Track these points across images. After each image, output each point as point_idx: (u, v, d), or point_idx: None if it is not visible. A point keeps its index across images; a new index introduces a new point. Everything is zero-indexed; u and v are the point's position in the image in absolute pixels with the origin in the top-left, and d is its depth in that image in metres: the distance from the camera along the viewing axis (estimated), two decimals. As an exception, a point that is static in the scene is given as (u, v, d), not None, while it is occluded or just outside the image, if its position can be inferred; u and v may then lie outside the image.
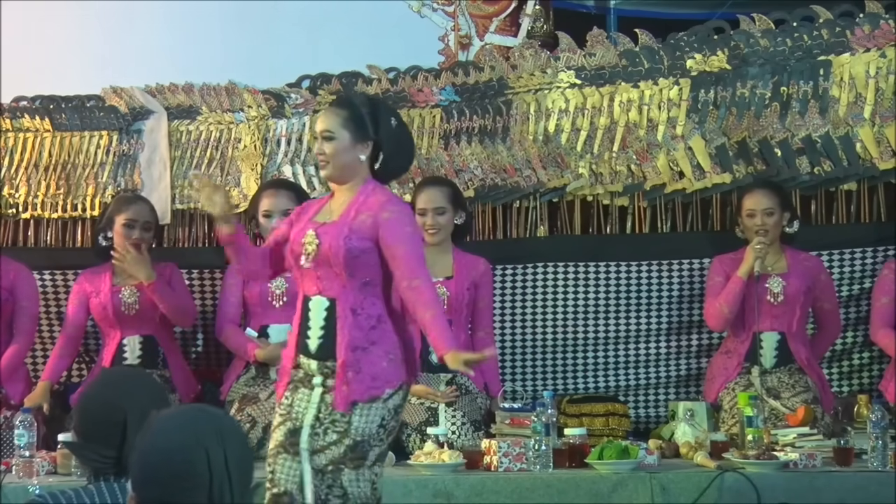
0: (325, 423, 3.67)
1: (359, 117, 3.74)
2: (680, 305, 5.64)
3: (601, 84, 5.88)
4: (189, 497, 2.16)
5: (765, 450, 4.52)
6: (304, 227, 3.76)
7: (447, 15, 6.20)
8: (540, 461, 4.47)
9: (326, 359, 3.70)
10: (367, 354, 3.66)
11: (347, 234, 3.67)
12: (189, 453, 2.16)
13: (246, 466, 2.22)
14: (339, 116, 3.75)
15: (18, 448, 4.39)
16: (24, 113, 5.93)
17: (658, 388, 5.67)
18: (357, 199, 3.74)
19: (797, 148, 5.75)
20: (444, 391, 5.12)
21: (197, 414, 2.24)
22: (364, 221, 3.69)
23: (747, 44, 5.84)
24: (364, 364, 3.66)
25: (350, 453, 3.64)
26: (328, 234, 3.69)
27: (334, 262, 3.66)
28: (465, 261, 5.29)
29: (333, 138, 3.74)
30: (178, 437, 2.18)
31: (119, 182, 5.86)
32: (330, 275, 3.69)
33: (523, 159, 5.84)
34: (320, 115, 3.88)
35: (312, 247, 3.70)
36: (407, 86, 5.94)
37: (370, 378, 3.66)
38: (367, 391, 3.65)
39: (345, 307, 3.68)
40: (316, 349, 3.72)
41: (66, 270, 5.56)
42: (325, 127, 3.76)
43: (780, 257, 5.29)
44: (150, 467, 2.18)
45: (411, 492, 4.32)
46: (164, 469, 2.17)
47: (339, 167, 3.75)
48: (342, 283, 3.68)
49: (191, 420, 2.22)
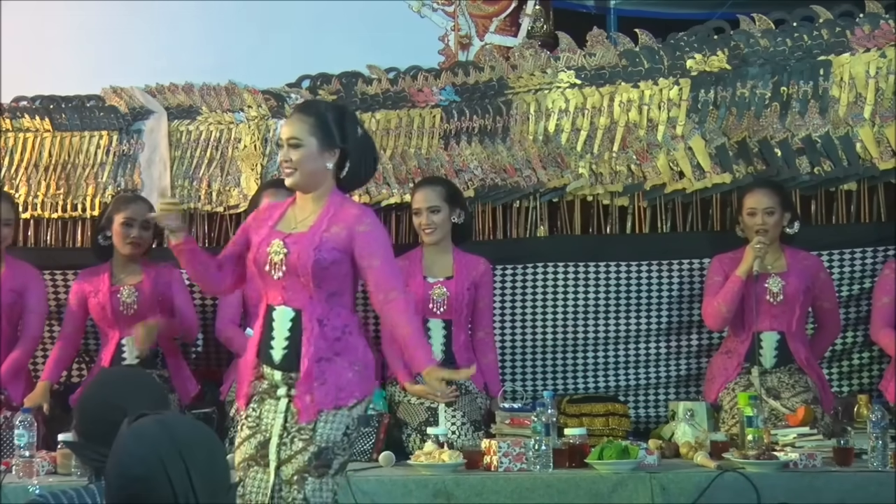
0: (291, 432, 3.65)
1: (326, 124, 3.70)
2: (680, 305, 5.64)
3: (601, 84, 5.88)
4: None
5: (765, 450, 4.52)
6: (269, 236, 3.71)
7: (447, 15, 6.20)
8: (540, 461, 4.47)
9: (291, 370, 3.68)
10: (331, 365, 3.65)
11: (318, 244, 3.64)
12: (147, 469, 2.15)
13: (215, 476, 2.19)
14: (306, 123, 3.70)
15: (18, 448, 4.39)
16: (25, 113, 5.94)
17: (658, 388, 5.67)
18: (328, 210, 3.70)
19: (797, 148, 5.75)
20: (443, 391, 5.11)
21: (156, 429, 2.21)
22: (338, 234, 3.66)
23: (747, 44, 5.84)
24: (329, 375, 3.64)
25: (315, 461, 3.62)
26: (297, 244, 3.66)
27: (302, 272, 3.64)
28: (465, 261, 5.29)
29: (301, 145, 3.69)
30: (136, 453, 2.17)
31: (119, 182, 5.87)
32: (296, 285, 3.66)
33: (523, 159, 5.84)
34: (286, 121, 3.82)
35: (279, 256, 3.66)
36: (407, 86, 5.94)
37: (335, 388, 3.64)
38: (333, 401, 3.64)
39: (311, 318, 3.65)
40: (280, 360, 3.69)
41: (65, 270, 5.56)
42: (292, 134, 3.70)
43: (779, 257, 5.28)
44: (113, 483, 2.20)
45: (411, 492, 4.32)
46: (125, 486, 2.18)
47: (305, 175, 3.70)
48: (309, 294, 3.66)
49: (149, 437, 2.19)
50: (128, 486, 2.18)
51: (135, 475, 2.16)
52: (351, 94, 5.93)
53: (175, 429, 2.21)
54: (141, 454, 2.17)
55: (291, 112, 3.89)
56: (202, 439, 2.23)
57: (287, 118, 3.88)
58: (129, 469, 2.18)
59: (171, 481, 2.15)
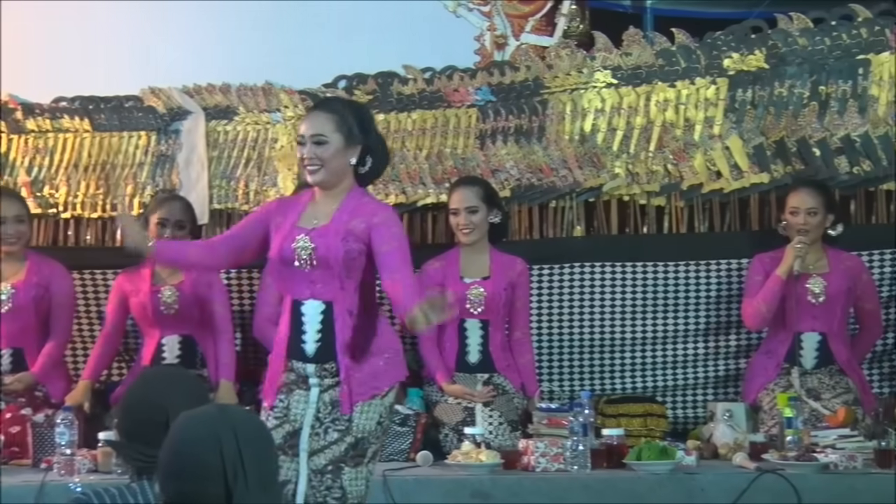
0: (325, 423, 3.67)
1: (348, 121, 3.73)
2: (718, 306, 5.61)
3: (637, 84, 5.86)
4: (204, 487, 2.22)
5: (804, 451, 4.50)
6: (291, 232, 3.73)
7: (483, 15, 6.20)
8: (577, 462, 4.46)
9: (325, 361, 3.70)
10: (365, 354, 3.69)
11: (344, 236, 3.68)
12: (202, 445, 2.24)
13: (264, 462, 2.28)
14: (330, 120, 3.72)
15: (60, 446, 4.43)
16: (64, 113, 5.98)
17: (696, 389, 5.64)
18: (348, 205, 3.73)
19: (836, 147, 5.72)
20: (480, 391, 5.12)
21: (214, 410, 2.34)
22: (357, 226, 3.70)
23: (785, 43, 5.81)
24: (364, 364, 3.68)
25: (351, 451, 3.65)
26: (323, 237, 3.69)
27: (333, 264, 3.67)
28: (502, 261, 5.28)
29: (326, 142, 3.70)
30: (193, 431, 2.27)
31: (157, 182, 5.90)
32: (326, 277, 3.69)
33: (559, 159, 5.83)
34: (308, 117, 3.82)
35: (307, 252, 3.68)
36: (443, 86, 5.95)
37: (370, 377, 3.68)
38: (368, 391, 3.67)
39: (342, 309, 3.69)
40: (314, 353, 3.72)
41: (105, 270, 5.59)
42: (317, 130, 3.71)
43: (821, 257, 5.25)
44: (168, 460, 2.27)
45: (448, 492, 4.33)
46: (179, 461, 2.25)
47: (331, 172, 3.72)
48: (339, 286, 3.69)
49: (207, 415, 2.31)
50: (179, 466, 2.24)
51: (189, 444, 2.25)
52: (387, 94, 5.94)
53: (232, 412, 2.33)
54: (197, 429, 2.26)
55: (310, 109, 3.88)
56: (256, 426, 2.33)
57: (306, 115, 3.83)
58: (185, 440, 2.26)
59: (223, 457, 2.22)
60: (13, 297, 5.18)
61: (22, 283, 5.20)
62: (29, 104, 5.98)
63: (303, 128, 3.76)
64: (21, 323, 5.19)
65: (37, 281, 5.22)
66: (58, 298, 5.26)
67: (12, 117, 5.96)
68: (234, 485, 2.21)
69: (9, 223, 5.20)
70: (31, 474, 4.47)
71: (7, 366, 5.17)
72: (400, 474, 4.40)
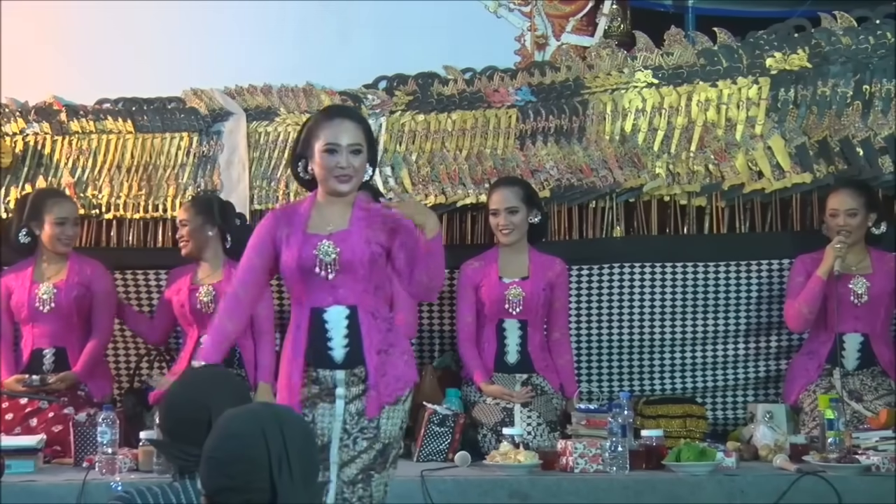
0: (353, 434, 3.65)
1: (369, 131, 3.77)
2: (759, 306, 5.58)
3: (679, 83, 5.84)
4: (249, 481, 2.24)
5: (846, 453, 4.45)
6: (307, 239, 3.68)
7: (523, 15, 6.19)
8: (616, 462, 4.45)
9: (354, 366, 3.67)
10: (389, 357, 3.68)
11: (368, 238, 3.67)
12: (249, 439, 2.26)
13: (308, 459, 2.29)
14: (361, 130, 3.73)
15: (101, 445, 4.47)
16: (108, 115, 6.04)
17: (736, 390, 5.61)
18: (359, 209, 3.71)
19: (879, 147, 5.66)
20: (519, 391, 5.12)
21: (260, 406, 2.37)
22: (377, 230, 3.69)
23: (828, 42, 5.76)
24: (388, 367, 3.67)
25: (379, 458, 3.65)
26: (346, 241, 3.67)
27: (359, 267, 3.66)
28: (541, 261, 5.28)
29: (361, 152, 3.70)
30: (240, 425, 2.29)
31: (199, 183, 5.94)
32: (349, 282, 3.67)
33: (599, 159, 5.81)
34: (338, 124, 3.70)
35: (331, 257, 3.66)
36: (483, 86, 5.95)
37: (394, 379, 3.68)
38: (393, 392, 3.67)
39: (365, 312, 3.68)
40: (342, 358, 3.68)
41: (147, 270, 5.65)
42: (356, 140, 3.69)
43: (864, 258, 5.21)
44: (213, 454, 2.29)
45: (487, 492, 4.32)
46: (226, 455, 2.27)
47: (359, 180, 3.73)
48: (362, 289, 3.68)
49: (253, 411, 2.33)
50: (225, 459, 2.27)
51: (236, 438, 2.27)
52: (427, 95, 5.95)
53: (278, 409, 2.36)
54: (244, 423, 2.29)
55: (333, 115, 3.77)
56: (300, 424, 2.36)
57: (331, 121, 3.72)
58: (232, 434, 2.28)
59: (269, 451, 2.24)
60: (55, 296, 5.25)
61: (64, 283, 5.26)
62: (73, 106, 6.04)
63: (335, 135, 3.69)
64: (63, 322, 5.26)
65: (78, 281, 5.29)
66: (99, 298, 5.32)
67: (57, 119, 6.03)
68: (278, 479, 2.23)
69: (68, 225, 5.29)
70: (73, 473, 4.53)
71: (49, 365, 5.24)
72: (438, 474, 4.41)
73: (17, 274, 5.32)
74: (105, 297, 5.35)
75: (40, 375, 5.18)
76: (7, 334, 5.30)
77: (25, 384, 5.13)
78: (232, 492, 2.25)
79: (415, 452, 4.89)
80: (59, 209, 5.28)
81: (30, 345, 5.27)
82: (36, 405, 5.09)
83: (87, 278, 5.31)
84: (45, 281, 5.28)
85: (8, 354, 5.27)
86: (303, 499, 2.25)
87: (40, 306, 5.24)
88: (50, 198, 5.36)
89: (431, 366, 5.44)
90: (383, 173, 5.85)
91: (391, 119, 5.93)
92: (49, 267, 5.31)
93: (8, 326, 5.31)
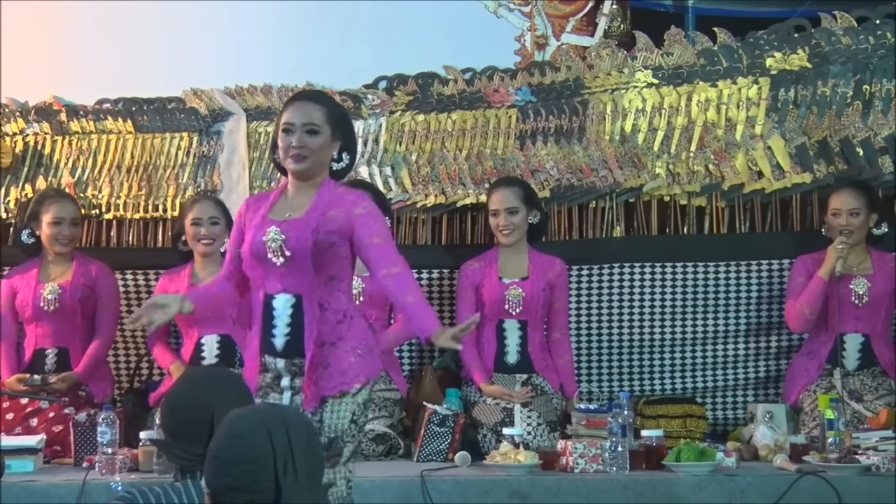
0: None
1: (335, 115, 3.72)
2: (759, 306, 5.58)
3: (679, 83, 5.84)
4: (255, 479, 2.25)
5: (846, 453, 4.46)
6: (262, 225, 3.68)
7: (523, 15, 6.19)
8: (616, 463, 4.45)
9: (293, 356, 3.65)
10: (334, 349, 3.62)
11: (315, 227, 3.62)
12: (255, 438, 2.27)
13: (312, 459, 2.29)
14: (322, 112, 3.69)
15: (101, 445, 4.47)
16: (108, 115, 6.04)
17: (736, 390, 5.61)
18: (321, 196, 3.67)
19: (879, 147, 5.67)
20: (519, 392, 5.12)
21: (265, 407, 2.43)
22: (335, 217, 3.64)
23: (828, 42, 5.76)
24: (332, 359, 3.62)
25: (325, 451, 3.57)
26: (294, 229, 3.63)
27: (302, 256, 3.61)
28: (541, 261, 5.28)
29: (318, 132, 3.67)
30: (246, 424, 2.30)
31: (199, 183, 5.94)
32: (296, 271, 3.63)
33: (599, 159, 5.81)
34: (297, 105, 3.71)
35: (277, 243, 3.63)
36: (483, 86, 5.95)
37: (338, 373, 3.62)
38: (337, 387, 3.61)
39: (311, 303, 3.63)
40: (283, 347, 3.66)
41: (147, 270, 5.65)
42: (311, 119, 3.67)
43: (865, 258, 5.21)
44: (219, 453, 2.31)
45: (487, 492, 4.32)
46: (231, 453, 2.28)
47: (317, 162, 3.68)
48: (309, 279, 3.63)
49: (258, 411, 2.36)
50: (230, 458, 2.28)
51: (242, 436, 2.28)
52: (427, 95, 5.96)
53: (283, 409, 2.43)
54: (250, 422, 2.30)
55: (295, 98, 3.79)
56: (306, 424, 2.38)
57: (292, 104, 3.73)
58: (238, 433, 2.30)
59: (274, 450, 2.24)
60: (60, 297, 5.25)
61: (69, 284, 5.27)
62: (73, 106, 6.04)
63: (291, 116, 3.68)
64: (67, 323, 5.27)
65: (83, 282, 5.29)
66: (103, 299, 5.33)
67: (57, 119, 6.03)
68: (283, 478, 2.23)
69: (65, 225, 5.29)
70: (73, 473, 4.53)
71: (51, 365, 5.25)
72: (438, 475, 4.41)
73: (22, 274, 5.34)
74: (109, 298, 5.35)
75: (41, 375, 5.19)
76: (10, 334, 5.31)
77: (26, 384, 5.14)
78: (237, 491, 2.25)
79: (415, 452, 4.90)
80: (55, 209, 5.28)
81: (32, 344, 5.27)
82: (37, 405, 5.09)
83: (91, 280, 5.32)
84: (50, 281, 5.29)
85: (10, 354, 5.27)
86: (307, 499, 2.26)
87: (45, 306, 5.24)
88: (48, 198, 5.37)
89: (431, 366, 5.44)
90: (383, 173, 5.85)
91: (391, 119, 5.94)
92: (54, 267, 5.32)
93: (11, 326, 5.31)
